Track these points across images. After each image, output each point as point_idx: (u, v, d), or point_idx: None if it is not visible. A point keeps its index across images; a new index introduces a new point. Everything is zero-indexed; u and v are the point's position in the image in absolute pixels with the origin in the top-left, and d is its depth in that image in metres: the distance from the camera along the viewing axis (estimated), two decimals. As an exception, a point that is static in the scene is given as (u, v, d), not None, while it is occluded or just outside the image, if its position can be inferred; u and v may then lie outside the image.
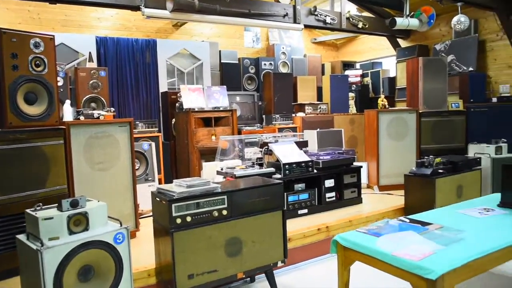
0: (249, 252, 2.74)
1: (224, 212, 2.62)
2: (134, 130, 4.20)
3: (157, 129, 5.20)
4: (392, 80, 7.72)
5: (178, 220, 2.45)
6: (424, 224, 2.63)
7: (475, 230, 2.50)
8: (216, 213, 2.58)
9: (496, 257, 2.26)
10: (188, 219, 2.48)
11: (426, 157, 4.30)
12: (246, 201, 2.72)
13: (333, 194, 4.32)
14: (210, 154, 4.99)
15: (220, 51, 7.11)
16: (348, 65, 8.45)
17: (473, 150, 5.15)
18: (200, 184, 2.56)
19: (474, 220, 2.76)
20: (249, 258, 2.74)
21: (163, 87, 6.21)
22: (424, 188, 4.14)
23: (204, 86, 5.83)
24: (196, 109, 5.10)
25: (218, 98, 5.36)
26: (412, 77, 5.59)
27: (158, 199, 2.58)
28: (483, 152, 5.00)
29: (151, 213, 2.85)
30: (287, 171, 3.96)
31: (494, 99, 5.98)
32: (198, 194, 2.52)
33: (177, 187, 2.57)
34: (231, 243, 2.66)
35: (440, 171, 4.16)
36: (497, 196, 3.21)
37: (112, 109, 4.05)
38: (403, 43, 7.92)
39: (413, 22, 6.31)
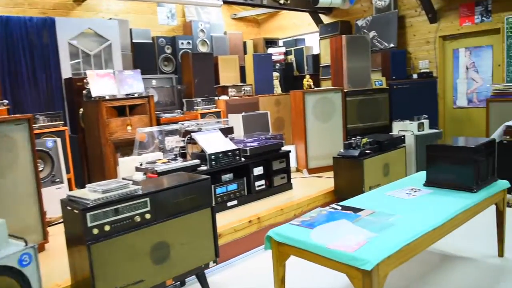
0: (178, 256, 2.67)
1: (148, 216, 2.51)
2: (34, 126, 3.85)
3: (62, 122, 4.82)
4: (316, 58, 7.94)
5: (95, 231, 2.30)
6: (356, 210, 2.76)
7: (404, 213, 2.67)
8: (138, 218, 2.46)
9: (426, 239, 2.44)
10: (107, 228, 2.33)
11: (353, 138, 4.50)
12: (171, 202, 2.63)
13: (262, 182, 4.37)
14: (126, 146, 4.77)
15: (131, 29, 6.75)
16: (270, 42, 8.52)
17: (397, 127, 5.51)
18: (118, 188, 2.42)
19: (403, 202, 2.94)
20: (178, 262, 2.68)
21: (66, 72, 5.75)
22: (352, 169, 4.34)
23: (114, 70, 5.50)
24: (107, 97, 4.81)
25: (132, 83, 5.10)
26: (336, 55, 5.78)
27: (69, 208, 2.39)
28: (406, 129, 5.36)
29: (61, 220, 2.65)
30: (213, 162, 3.91)
31: (415, 76, 6.43)
32: (116, 199, 2.38)
33: (91, 193, 2.40)
34: (158, 249, 2.57)
35: (367, 151, 4.38)
36: (423, 175, 3.46)
37: (5, 101, 3.67)
38: (325, 19, 8.15)
39: (336, 0, 6.50)
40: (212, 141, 4.09)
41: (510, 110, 5.12)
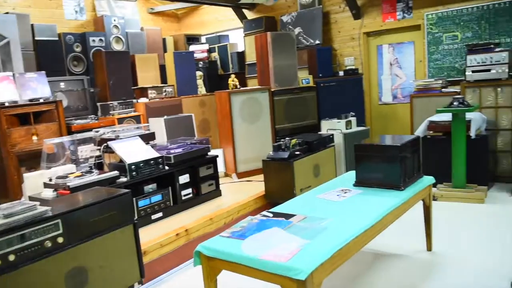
0: (97, 281, 2.56)
1: (60, 240, 2.37)
2: None
3: (-48, 133, 4.41)
4: (241, 55, 8.00)
5: (-3, 262, 2.13)
6: (287, 217, 2.82)
7: (336, 216, 2.77)
8: (49, 243, 2.32)
9: (358, 241, 2.56)
10: (11, 257, 2.17)
11: (282, 139, 4.60)
12: (87, 222, 2.51)
13: (189, 190, 4.33)
14: (33, 159, 4.48)
15: (32, 25, 6.33)
16: (192, 39, 8.45)
17: (325, 126, 5.73)
18: (23, 210, 2.26)
19: (334, 204, 3.06)
20: (98, 287, 2.56)
21: (-46, 75, 5.27)
22: (282, 172, 4.44)
23: (14, 72, 5.14)
24: (7, 104, 4.49)
25: (36, 87, 4.80)
26: (262, 53, 5.87)
27: (-37, 237, 2.19)
28: (334, 128, 5.59)
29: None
30: (133, 173, 3.79)
31: (341, 73, 6.72)
32: (22, 224, 2.22)
33: (-10, 217, 2.22)
34: (74, 275, 2.44)
35: (297, 153, 4.50)
36: (352, 175, 3.63)
37: None
38: (249, 15, 8.24)
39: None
40: (132, 150, 3.97)
41: (432, 105, 5.53)
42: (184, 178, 4.27)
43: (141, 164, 3.86)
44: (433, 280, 3.18)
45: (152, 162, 3.95)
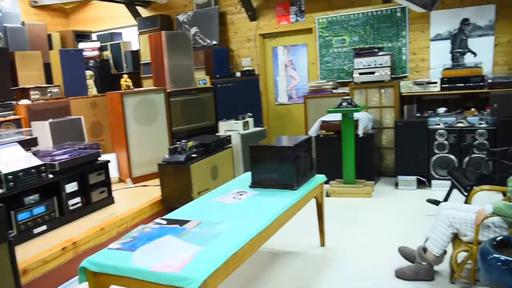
0: (-36, 309, 2.26)
1: None
2: None
3: None
4: (135, 54, 7.70)
5: None
6: (182, 223, 2.74)
7: (231, 220, 2.75)
8: None
9: (253, 244, 2.56)
10: None
11: (178, 142, 4.50)
12: None
13: (77, 199, 4.04)
14: None
15: None
16: (82, 35, 7.94)
17: (223, 127, 5.72)
18: None
19: (230, 207, 3.05)
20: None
21: None
22: (179, 175, 4.33)
23: None
24: None
25: None
26: (156, 53, 5.69)
27: None
28: (232, 129, 5.61)
29: None
30: (11, 183, 3.43)
31: (238, 74, 6.76)
32: None
33: None
34: None
35: (194, 155, 4.43)
36: (249, 176, 3.65)
37: None
38: (144, 12, 7.96)
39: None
40: (9, 158, 3.59)
41: (324, 106, 5.78)
42: (71, 187, 3.97)
43: (20, 174, 3.51)
44: (325, 274, 3.31)
45: (33, 170, 3.61)
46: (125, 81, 5.34)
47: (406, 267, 3.14)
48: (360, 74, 5.88)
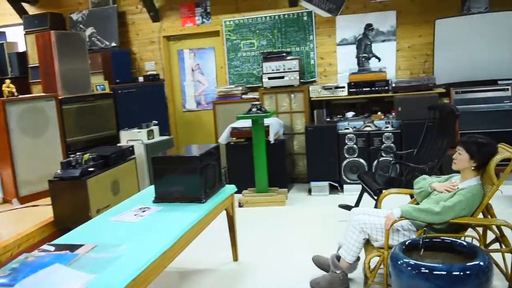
0: None
1: None
2: None
3: None
4: (22, 56, 7.11)
5: None
6: (73, 248, 2.48)
7: (132, 241, 2.56)
8: None
9: (157, 265, 2.39)
10: None
11: (72, 155, 4.17)
12: None
13: (-51, 226, 3.57)
14: None
15: None
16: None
17: (125, 137, 5.45)
18: None
19: (131, 226, 2.84)
20: None
21: None
22: (74, 192, 4.01)
23: None
24: None
25: None
26: (45, 55, 5.29)
27: None
28: (136, 138, 5.36)
29: None
30: None
31: (141, 78, 6.50)
32: None
33: None
34: None
35: (91, 169, 4.13)
36: (152, 190, 3.45)
37: None
38: (31, 10, 7.39)
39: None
40: None
41: (234, 112, 5.72)
42: None
43: None
44: (239, 293, 3.22)
45: None
46: (8, 86, 4.86)
47: (321, 277, 3.14)
48: (270, 78, 5.93)
